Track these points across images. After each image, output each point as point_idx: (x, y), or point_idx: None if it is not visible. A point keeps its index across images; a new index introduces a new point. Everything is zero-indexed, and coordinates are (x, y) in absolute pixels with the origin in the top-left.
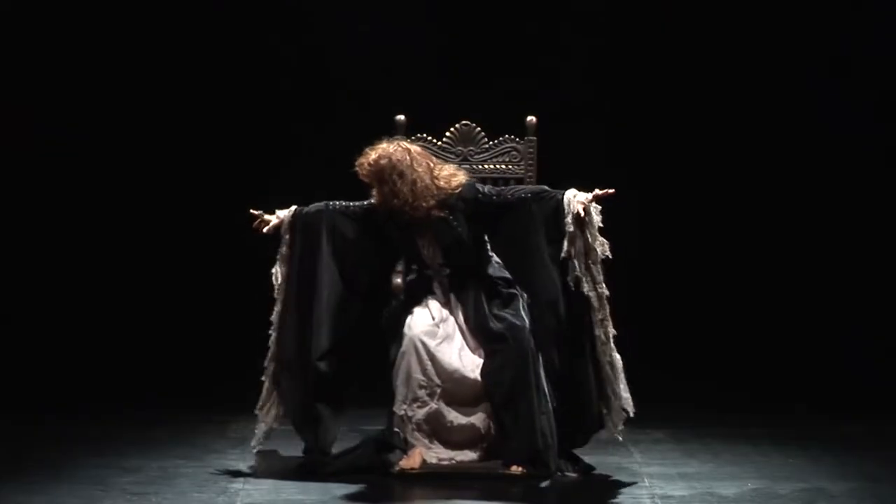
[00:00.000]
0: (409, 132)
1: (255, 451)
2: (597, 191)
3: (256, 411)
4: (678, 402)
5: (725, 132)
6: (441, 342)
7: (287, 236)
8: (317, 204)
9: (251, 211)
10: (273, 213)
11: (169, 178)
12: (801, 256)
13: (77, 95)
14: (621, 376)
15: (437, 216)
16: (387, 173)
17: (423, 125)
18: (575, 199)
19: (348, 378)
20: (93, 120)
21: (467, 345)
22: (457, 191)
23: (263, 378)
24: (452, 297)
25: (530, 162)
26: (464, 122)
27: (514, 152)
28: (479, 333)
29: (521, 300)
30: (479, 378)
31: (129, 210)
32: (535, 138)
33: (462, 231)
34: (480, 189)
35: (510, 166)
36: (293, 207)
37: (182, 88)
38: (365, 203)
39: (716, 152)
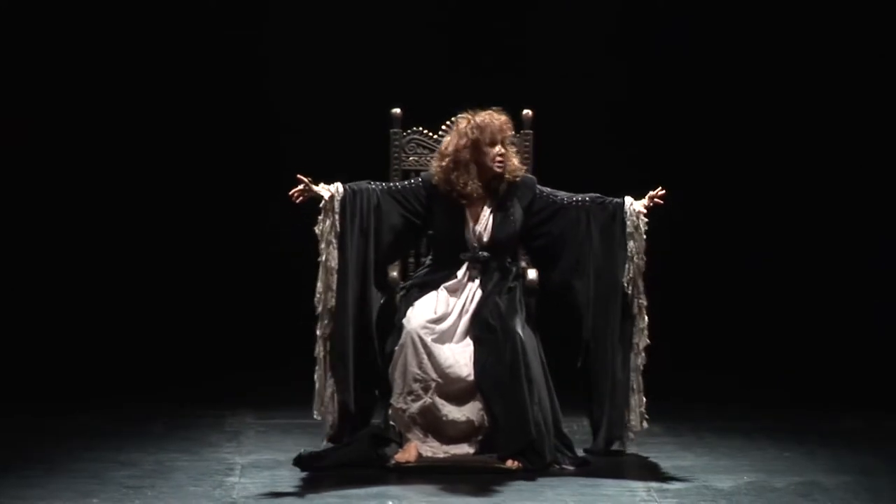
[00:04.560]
0: (404, 125)
1: (325, 444)
2: (650, 193)
3: (316, 410)
4: (674, 395)
5: (740, 125)
6: (438, 337)
7: (338, 215)
8: (361, 182)
9: (298, 176)
10: (317, 185)
11: (165, 174)
12: (800, 250)
13: (75, 89)
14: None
15: (503, 195)
16: (504, 133)
17: (419, 118)
18: (633, 206)
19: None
20: (92, 115)
21: (465, 338)
22: (519, 180)
23: (317, 367)
24: (477, 282)
25: (526, 155)
26: (460, 115)
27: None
28: (477, 319)
29: (518, 290)
30: (472, 375)
31: (127, 207)
32: (531, 132)
33: (516, 219)
34: (540, 187)
35: None
36: (339, 184)
37: (178, 85)
38: (408, 182)
39: (730, 147)
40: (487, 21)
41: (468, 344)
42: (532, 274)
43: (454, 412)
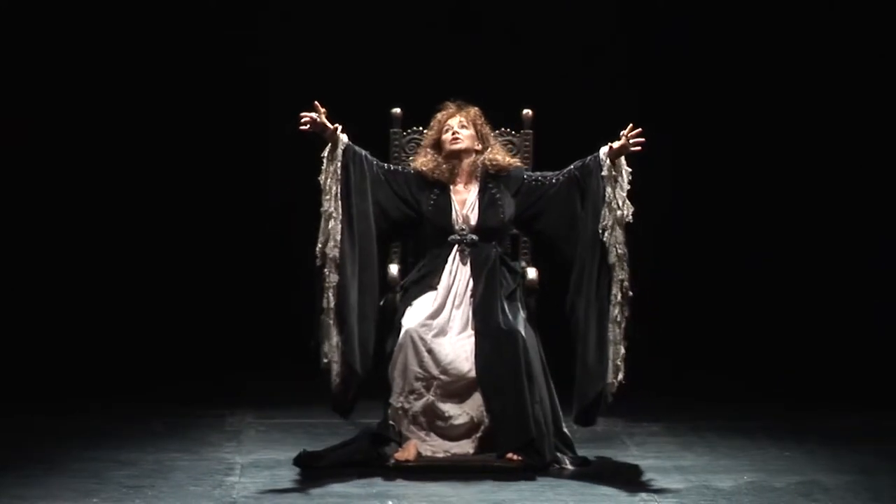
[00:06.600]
0: (404, 125)
1: (334, 390)
2: (622, 132)
3: (324, 358)
4: (675, 394)
5: (740, 125)
6: (437, 334)
7: (340, 163)
8: (360, 149)
9: (315, 103)
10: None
11: (165, 175)
12: (799, 250)
13: (75, 89)
14: (620, 336)
15: (487, 179)
16: (480, 119)
17: (419, 118)
18: (605, 151)
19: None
20: (91, 114)
21: (463, 331)
22: (509, 168)
23: (324, 317)
24: (468, 268)
25: (526, 155)
26: None
27: (510, 145)
28: (478, 317)
29: (518, 290)
30: (473, 371)
31: (127, 208)
32: (531, 131)
33: (505, 207)
34: (528, 173)
35: None
36: (345, 136)
37: (177, 84)
38: (400, 167)
39: (730, 146)
40: (487, 20)
41: (468, 336)
42: (532, 273)
43: (455, 410)
